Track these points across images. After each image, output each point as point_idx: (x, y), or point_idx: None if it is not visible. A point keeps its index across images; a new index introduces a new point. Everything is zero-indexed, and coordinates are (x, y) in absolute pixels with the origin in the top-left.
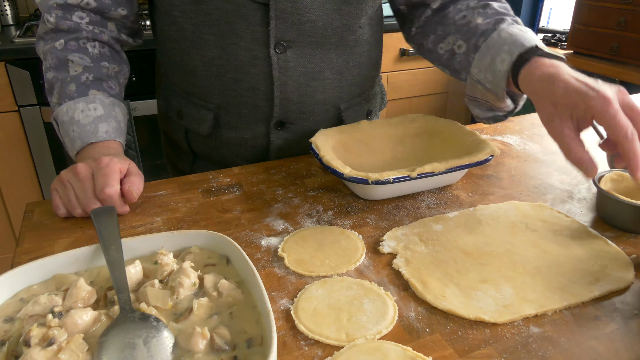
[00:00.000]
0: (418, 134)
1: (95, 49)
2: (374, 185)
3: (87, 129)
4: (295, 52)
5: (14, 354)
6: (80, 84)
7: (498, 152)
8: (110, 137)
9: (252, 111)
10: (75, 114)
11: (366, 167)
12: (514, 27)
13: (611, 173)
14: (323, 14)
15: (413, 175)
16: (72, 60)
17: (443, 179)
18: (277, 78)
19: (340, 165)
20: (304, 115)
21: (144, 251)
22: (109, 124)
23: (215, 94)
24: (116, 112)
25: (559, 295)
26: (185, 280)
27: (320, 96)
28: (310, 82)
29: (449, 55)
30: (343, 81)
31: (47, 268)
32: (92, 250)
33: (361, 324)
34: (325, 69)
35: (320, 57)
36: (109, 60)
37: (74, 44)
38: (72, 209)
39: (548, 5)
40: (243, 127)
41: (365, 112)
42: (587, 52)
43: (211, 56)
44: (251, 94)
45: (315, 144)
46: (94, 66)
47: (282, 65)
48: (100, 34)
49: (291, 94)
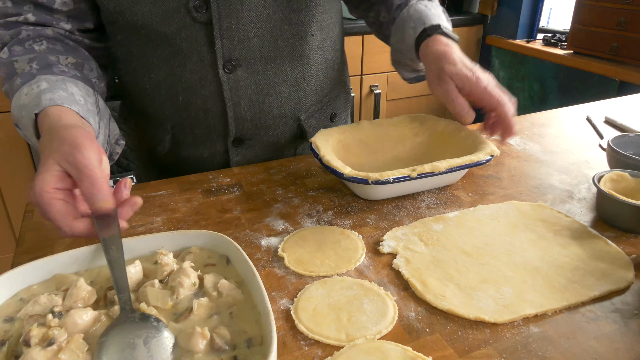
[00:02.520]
0: (418, 134)
1: (42, 46)
2: (374, 185)
3: (31, 105)
4: (246, 70)
5: (14, 354)
6: (25, 74)
7: (498, 152)
8: (55, 103)
9: (207, 131)
10: (21, 100)
11: (366, 167)
12: (420, 4)
13: (611, 173)
14: (271, 27)
15: (413, 175)
16: (16, 60)
17: (443, 179)
18: (229, 98)
19: (340, 165)
20: (261, 130)
21: (144, 251)
22: (54, 93)
23: (168, 115)
24: (67, 85)
25: (559, 295)
26: (185, 280)
27: (276, 111)
28: (264, 98)
29: (377, 23)
30: (300, 92)
31: (47, 268)
32: (92, 250)
33: (361, 324)
34: (280, 83)
35: (273, 72)
36: (60, 53)
37: (19, 48)
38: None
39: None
40: (200, 146)
41: (329, 116)
42: (587, 52)
43: (159, 78)
44: (204, 114)
45: (315, 144)
46: (39, 56)
47: (233, 85)
48: (42, 30)
49: (245, 113)
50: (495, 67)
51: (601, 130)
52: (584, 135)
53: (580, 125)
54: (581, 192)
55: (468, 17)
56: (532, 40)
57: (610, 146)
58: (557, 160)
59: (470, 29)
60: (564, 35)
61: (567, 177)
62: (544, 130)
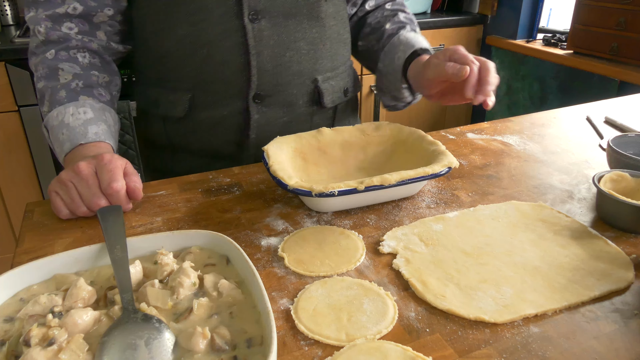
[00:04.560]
0: (381, 143)
1: (85, 59)
2: (319, 197)
3: (77, 130)
4: (269, 22)
5: (14, 354)
6: (70, 90)
7: (457, 165)
8: (99, 138)
9: (226, 86)
10: (65, 118)
11: (325, 177)
12: (410, 33)
13: (611, 173)
14: None
15: (360, 188)
16: (62, 68)
17: (399, 191)
18: (253, 47)
19: (287, 175)
20: (280, 87)
21: (144, 251)
22: (99, 127)
23: (188, 74)
24: (106, 116)
25: (559, 295)
26: (185, 280)
27: (295, 67)
28: (285, 52)
29: (366, 52)
30: (317, 52)
31: (47, 268)
32: (92, 250)
33: (361, 324)
34: (299, 40)
35: (293, 27)
36: (99, 69)
37: (64, 54)
38: (76, 208)
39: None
40: (219, 105)
41: (342, 89)
42: (587, 52)
43: (181, 35)
44: (225, 68)
45: (266, 152)
46: (84, 74)
47: (257, 34)
48: (89, 43)
49: (267, 64)
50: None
51: (601, 130)
52: (584, 135)
53: (580, 125)
54: (581, 192)
55: (468, 17)
56: (532, 40)
57: (610, 146)
58: (557, 160)
59: (470, 29)
60: (564, 35)
61: (567, 177)
62: (544, 130)
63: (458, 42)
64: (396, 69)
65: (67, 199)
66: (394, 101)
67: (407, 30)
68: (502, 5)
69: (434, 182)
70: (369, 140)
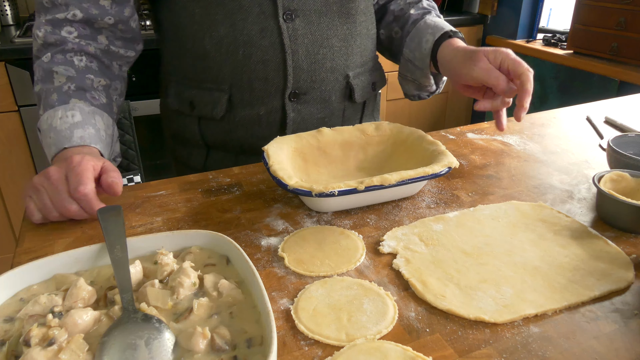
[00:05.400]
0: (381, 143)
1: (81, 62)
2: (319, 197)
3: (62, 134)
4: (303, 21)
5: (14, 354)
6: (62, 93)
7: (457, 165)
8: (84, 142)
9: (265, 85)
10: (54, 121)
11: (325, 177)
12: (435, 17)
13: (611, 173)
14: None
15: (360, 188)
16: (57, 71)
17: (399, 191)
18: (289, 46)
19: (287, 175)
20: (315, 84)
21: (144, 251)
22: (85, 131)
23: (227, 74)
24: (96, 120)
25: (559, 295)
26: (185, 280)
27: (329, 63)
28: (319, 49)
29: (388, 40)
30: (349, 48)
31: (47, 268)
32: (92, 250)
33: (361, 324)
34: (332, 37)
35: (326, 25)
36: (95, 73)
37: (61, 57)
38: (48, 213)
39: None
40: (257, 103)
41: (371, 84)
42: (587, 52)
43: (221, 35)
44: (263, 66)
45: (266, 152)
46: (78, 77)
47: (292, 33)
48: (86, 46)
49: (302, 62)
50: None
51: (601, 130)
52: (584, 135)
53: (580, 125)
54: (581, 192)
55: (468, 17)
56: (532, 40)
57: (610, 146)
58: (557, 160)
59: (470, 29)
60: (564, 35)
61: (567, 177)
62: (544, 130)
63: None
64: (424, 52)
65: (39, 203)
66: (418, 90)
67: (433, 16)
68: (502, 5)
69: (434, 182)
70: (368, 140)
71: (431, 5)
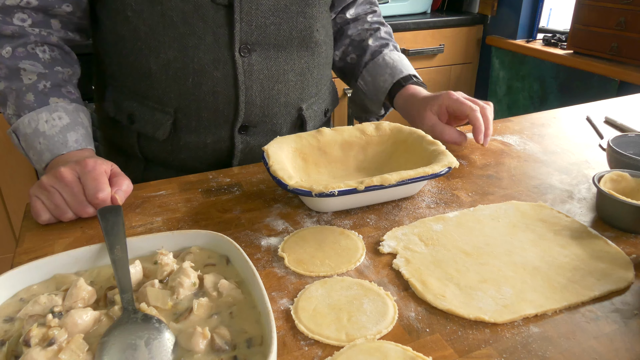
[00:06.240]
0: (381, 143)
1: (45, 54)
2: (319, 197)
3: (56, 139)
4: (260, 55)
5: (14, 354)
6: (38, 92)
7: (456, 165)
8: (81, 145)
9: (214, 115)
10: (40, 125)
11: (325, 177)
12: (394, 53)
13: (611, 173)
14: (287, 17)
15: (360, 188)
16: (23, 68)
17: (399, 191)
18: (243, 82)
19: (287, 175)
20: (267, 118)
21: (144, 251)
22: (77, 132)
23: (173, 98)
24: (82, 118)
25: (559, 295)
26: (185, 280)
27: (283, 98)
28: (274, 85)
29: (342, 62)
30: (304, 82)
31: (47, 268)
32: (92, 250)
33: (361, 324)
34: (289, 71)
35: (284, 59)
36: (61, 64)
37: (22, 50)
38: (61, 214)
39: (548, 5)
40: (204, 131)
41: (323, 110)
42: (587, 52)
43: (168, 58)
44: (213, 97)
45: (266, 152)
46: (49, 72)
47: (247, 68)
48: (48, 37)
49: (256, 98)
50: (495, 67)
51: (601, 130)
52: (584, 135)
53: (580, 125)
54: (581, 192)
55: (468, 17)
56: (532, 40)
57: (610, 146)
58: (557, 160)
59: (470, 29)
60: (564, 35)
61: (567, 177)
62: (544, 130)
63: (458, 42)
64: (380, 90)
65: (49, 204)
66: (365, 113)
67: (390, 49)
68: (502, 5)
69: (434, 182)
70: (368, 140)
71: (388, 33)
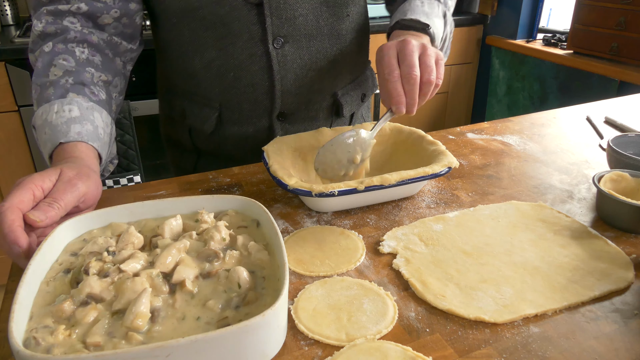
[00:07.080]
0: (381, 143)
1: (83, 54)
2: (319, 197)
3: (59, 129)
4: (292, 46)
5: (77, 280)
6: (59, 86)
7: (457, 165)
8: (82, 139)
9: (253, 106)
10: (49, 116)
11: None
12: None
13: (611, 173)
14: (313, 7)
15: (360, 188)
16: (55, 64)
17: (399, 191)
18: (277, 72)
19: (287, 175)
20: (303, 105)
21: (186, 210)
22: (83, 126)
23: (216, 93)
24: (94, 116)
25: (559, 295)
26: (216, 234)
27: (317, 86)
28: (307, 72)
29: None
30: (337, 69)
31: (105, 217)
32: (143, 205)
33: (361, 324)
34: (321, 59)
35: (315, 48)
36: (96, 67)
37: (62, 46)
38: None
39: (548, 5)
40: (245, 122)
41: (360, 96)
42: (587, 52)
43: (210, 58)
44: (251, 90)
45: (266, 152)
46: (76, 70)
47: (281, 59)
48: (89, 35)
49: (291, 86)
50: (495, 67)
51: (601, 130)
52: (584, 135)
53: (580, 125)
54: (581, 192)
55: (468, 17)
56: (532, 40)
57: (610, 146)
58: (557, 160)
59: (470, 29)
60: (564, 35)
61: (567, 177)
62: (544, 130)
63: (458, 42)
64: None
65: None
66: None
67: None
68: (502, 5)
69: (434, 182)
70: None
71: None
